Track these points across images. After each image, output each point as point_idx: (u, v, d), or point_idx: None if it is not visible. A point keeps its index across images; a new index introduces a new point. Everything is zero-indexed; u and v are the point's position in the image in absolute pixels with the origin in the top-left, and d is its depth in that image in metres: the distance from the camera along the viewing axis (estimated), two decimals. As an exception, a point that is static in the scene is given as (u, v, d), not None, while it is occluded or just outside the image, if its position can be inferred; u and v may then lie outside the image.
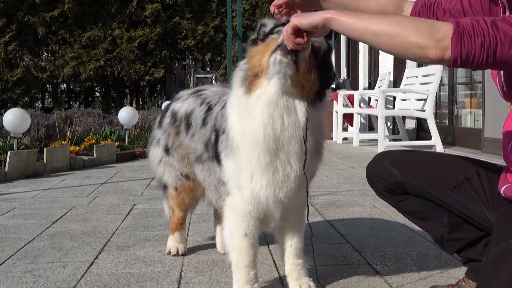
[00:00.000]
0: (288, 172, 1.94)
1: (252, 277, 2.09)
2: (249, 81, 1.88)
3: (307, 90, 1.86)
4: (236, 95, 1.96)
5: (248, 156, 1.94)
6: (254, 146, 1.90)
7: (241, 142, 1.96)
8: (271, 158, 1.91)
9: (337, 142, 9.36)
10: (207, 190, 2.46)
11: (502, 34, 1.47)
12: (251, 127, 1.88)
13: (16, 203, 4.26)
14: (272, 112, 1.83)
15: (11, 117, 5.94)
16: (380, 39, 1.54)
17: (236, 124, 1.98)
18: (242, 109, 1.92)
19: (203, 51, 18.81)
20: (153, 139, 2.73)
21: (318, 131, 1.97)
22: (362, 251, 2.81)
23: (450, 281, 2.30)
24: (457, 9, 1.90)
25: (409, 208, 2.07)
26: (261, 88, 1.84)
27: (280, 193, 1.98)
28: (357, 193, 4.50)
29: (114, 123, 9.51)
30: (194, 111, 2.44)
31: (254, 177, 1.96)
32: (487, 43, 1.46)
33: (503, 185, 1.78)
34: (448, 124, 8.47)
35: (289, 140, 1.87)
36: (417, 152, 2.11)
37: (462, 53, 1.47)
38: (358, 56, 12.33)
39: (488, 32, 1.47)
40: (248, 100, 1.87)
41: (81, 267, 2.59)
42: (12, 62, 17.85)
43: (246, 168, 1.96)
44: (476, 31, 1.47)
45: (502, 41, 1.47)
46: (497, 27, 1.48)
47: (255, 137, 1.88)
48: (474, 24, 1.49)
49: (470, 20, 1.51)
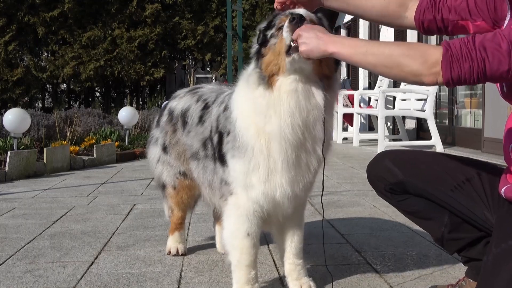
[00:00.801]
0: (310, 163, 1.98)
1: (252, 277, 2.09)
2: (266, 79, 1.91)
3: (321, 75, 1.91)
4: (252, 96, 1.95)
5: (266, 157, 1.95)
6: (280, 142, 1.91)
7: (257, 142, 1.95)
8: (297, 152, 1.94)
9: (337, 142, 9.36)
10: (202, 187, 2.47)
11: (490, 55, 1.53)
12: (277, 121, 1.89)
13: (16, 203, 4.26)
14: (297, 99, 1.87)
15: (11, 117, 5.94)
16: (379, 70, 1.70)
17: (248, 123, 1.97)
18: (262, 106, 1.92)
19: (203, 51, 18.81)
20: (151, 139, 2.75)
21: (333, 115, 2.02)
22: (362, 251, 2.80)
23: (450, 281, 2.30)
24: (463, 7, 1.90)
25: (410, 207, 2.07)
26: (280, 81, 1.89)
27: (297, 188, 2.00)
28: (357, 193, 4.50)
29: (114, 123, 9.51)
30: (190, 108, 2.46)
31: (272, 176, 1.96)
32: (475, 67, 1.54)
33: (504, 186, 1.78)
34: (448, 124, 8.47)
35: (314, 124, 1.92)
36: (418, 152, 2.11)
37: (453, 77, 1.56)
38: (358, 56, 12.31)
39: (476, 55, 1.53)
40: (271, 95, 1.90)
41: (81, 267, 2.59)
42: (12, 62, 17.84)
43: (262, 168, 1.96)
44: (464, 56, 1.54)
45: (490, 62, 1.53)
46: (485, 49, 1.53)
47: (283, 131, 1.89)
48: (463, 47, 1.55)
49: (459, 43, 1.57)
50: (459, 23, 1.92)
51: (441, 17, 1.94)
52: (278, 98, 1.88)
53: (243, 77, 2.04)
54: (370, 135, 9.75)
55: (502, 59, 1.53)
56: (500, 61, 1.53)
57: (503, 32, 1.56)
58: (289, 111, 1.87)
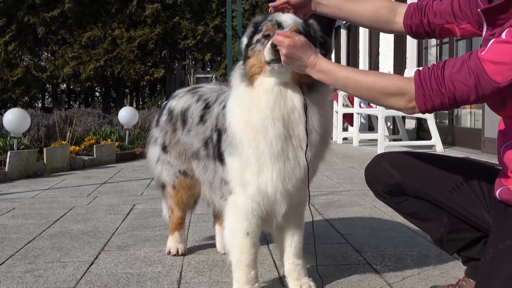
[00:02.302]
0: (299, 158, 1.98)
1: (252, 276, 2.09)
2: (248, 76, 1.96)
3: (300, 82, 1.94)
4: (237, 91, 2.01)
5: (254, 149, 1.96)
6: (264, 134, 1.93)
7: (245, 134, 1.97)
8: (283, 145, 1.94)
9: (337, 142, 9.36)
10: (203, 186, 2.49)
11: (459, 90, 1.64)
12: (258, 114, 1.92)
13: (16, 203, 4.26)
14: (275, 98, 1.91)
15: (11, 117, 5.94)
16: (364, 98, 1.88)
17: (237, 118, 2.00)
18: (245, 101, 1.97)
19: (203, 51, 18.81)
20: (150, 139, 2.75)
21: (323, 117, 2.00)
22: (362, 251, 2.81)
23: (450, 281, 2.30)
24: (447, 11, 1.96)
25: (408, 209, 2.07)
26: (259, 80, 1.94)
27: (289, 184, 2.00)
28: (357, 193, 4.50)
29: (114, 123, 9.51)
30: (190, 108, 2.46)
31: (263, 170, 1.97)
32: (446, 100, 1.67)
33: (498, 188, 1.80)
34: (448, 124, 8.47)
35: (296, 125, 1.93)
36: (416, 154, 2.11)
37: (428, 109, 1.72)
38: (358, 56, 12.33)
39: (446, 90, 1.66)
40: (252, 90, 1.95)
41: (81, 267, 2.59)
42: (12, 62, 17.83)
43: (253, 162, 1.98)
44: (435, 92, 1.68)
45: (459, 95, 1.65)
46: (453, 83, 1.64)
47: (264, 123, 1.91)
48: (433, 83, 1.68)
49: (429, 77, 1.69)
50: (445, 26, 1.98)
51: (428, 21, 2.01)
52: (257, 95, 1.94)
53: (233, 74, 2.08)
54: (370, 135, 9.75)
55: (469, 91, 1.64)
56: (468, 93, 1.65)
57: (470, 64, 1.63)
58: (268, 106, 1.91)
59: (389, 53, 10.26)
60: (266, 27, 1.96)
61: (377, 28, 2.19)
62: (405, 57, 9.52)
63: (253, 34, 2.01)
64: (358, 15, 2.13)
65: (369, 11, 2.10)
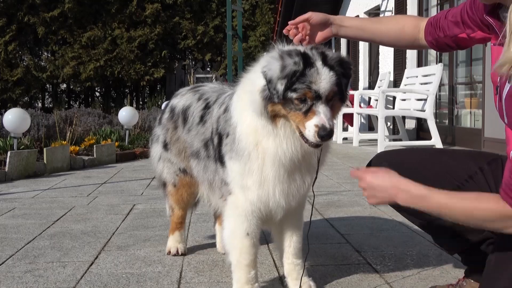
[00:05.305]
0: (305, 180, 2.03)
1: (252, 276, 2.09)
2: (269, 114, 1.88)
3: None
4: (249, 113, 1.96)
5: (260, 165, 1.97)
6: (273, 160, 1.94)
7: (255, 150, 1.97)
8: (292, 172, 1.99)
9: (337, 142, 9.36)
10: (201, 186, 2.49)
11: None
12: (273, 142, 1.92)
13: (16, 203, 4.26)
14: (294, 140, 1.91)
15: (11, 117, 5.94)
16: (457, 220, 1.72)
17: (249, 135, 1.98)
18: (262, 127, 1.93)
19: (203, 51, 18.83)
20: (153, 137, 2.77)
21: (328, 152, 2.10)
22: (362, 251, 2.80)
23: (450, 281, 2.30)
24: (456, 22, 1.94)
25: (410, 209, 2.05)
26: (283, 122, 1.90)
27: (293, 201, 2.05)
28: (357, 193, 4.50)
29: (114, 123, 9.51)
30: (191, 106, 2.47)
31: (264, 185, 1.99)
32: None
33: None
34: (448, 124, 8.47)
35: (310, 157, 1.97)
36: (416, 152, 2.08)
37: None
38: (358, 56, 12.33)
39: None
40: (272, 124, 1.91)
41: (81, 267, 2.59)
42: (12, 62, 17.86)
43: (256, 174, 1.98)
44: None
45: None
46: None
47: (278, 151, 1.92)
48: None
49: None
50: (459, 36, 1.95)
51: (444, 35, 1.99)
52: (279, 131, 1.91)
53: (246, 85, 2.01)
54: (370, 135, 9.75)
55: None
56: None
57: None
58: (287, 137, 1.91)
59: (389, 53, 10.25)
60: (304, 91, 1.80)
61: (403, 46, 2.17)
62: (405, 57, 9.52)
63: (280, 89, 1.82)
64: (385, 35, 2.11)
65: (394, 30, 2.09)
